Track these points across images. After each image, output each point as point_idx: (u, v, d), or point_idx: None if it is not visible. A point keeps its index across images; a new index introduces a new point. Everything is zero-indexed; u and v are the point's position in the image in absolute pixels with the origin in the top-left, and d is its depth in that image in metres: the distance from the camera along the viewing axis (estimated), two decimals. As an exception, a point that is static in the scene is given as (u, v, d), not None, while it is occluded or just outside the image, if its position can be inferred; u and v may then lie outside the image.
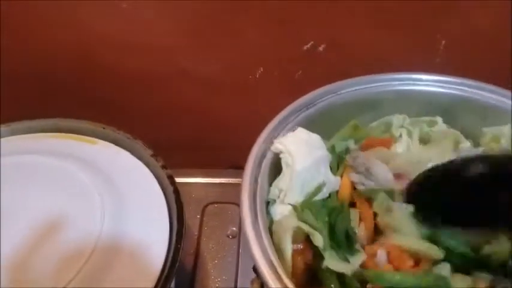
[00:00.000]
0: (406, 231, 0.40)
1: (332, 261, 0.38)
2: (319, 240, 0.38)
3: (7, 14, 0.63)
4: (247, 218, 0.38)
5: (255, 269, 0.56)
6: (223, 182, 0.69)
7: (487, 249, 0.38)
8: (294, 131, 0.45)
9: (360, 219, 0.41)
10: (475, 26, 0.61)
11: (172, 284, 0.57)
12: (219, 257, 0.61)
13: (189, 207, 0.65)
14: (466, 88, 0.49)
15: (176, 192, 0.53)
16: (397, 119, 0.49)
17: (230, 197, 0.67)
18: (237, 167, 0.70)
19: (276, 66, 0.68)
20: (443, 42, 0.63)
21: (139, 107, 0.73)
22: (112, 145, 0.59)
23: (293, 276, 0.39)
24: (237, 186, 0.68)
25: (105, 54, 0.67)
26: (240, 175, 0.69)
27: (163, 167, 0.56)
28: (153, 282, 0.46)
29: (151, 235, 0.50)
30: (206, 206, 0.66)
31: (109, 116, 0.63)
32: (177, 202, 0.52)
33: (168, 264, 0.48)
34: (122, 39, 0.66)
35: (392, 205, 0.41)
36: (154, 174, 0.56)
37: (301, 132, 0.44)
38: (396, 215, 0.40)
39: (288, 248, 0.38)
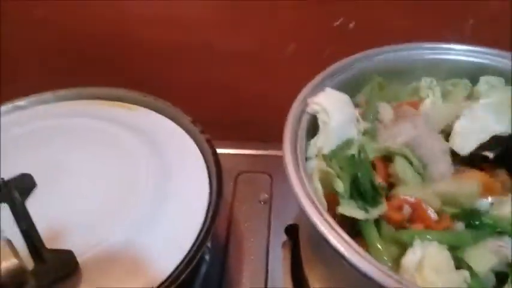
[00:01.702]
0: (408, 181, 0.43)
1: (346, 208, 0.40)
2: (339, 185, 0.41)
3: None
4: (290, 163, 0.41)
5: (287, 231, 0.60)
6: (253, 153, 0.73)
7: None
8: (323, 91, 0.47)
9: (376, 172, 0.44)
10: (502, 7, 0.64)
11: (209, 244, 0.61)
12: (252, 220, 0.64)
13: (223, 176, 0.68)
14: (494, 57, 0.51)
15: (215, 154, 0.56)
16: (425, 81, 0.52)
17: (260, 167, 0.70)
18: (266, 141, 0.73)
19: (306, 43, 0.70)
20: (471, 21, 0.65)
21: (170, 82, 0.75)
22: (152, 112, 0.63)
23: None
24: (267, 158, 0.73)
25: (137, 28, 0.70)
26: (268, 147, 0.73)
27: (202, 132, 0.59)
28: (195, 235, 0.49)
29: (192, 193, 0.53)
30: (238, 175, 0.70)
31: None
32: (215, 163, 0.56)
33: (209, 218, 0.50)
34: (155, 13, 0.69)
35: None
36: (193, 139, 0.59)
37: (333, 92, 0.47)
38: (398, 164, 0.43)
39: (319, 189, 0.41)
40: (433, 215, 0.41)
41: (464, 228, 0.41)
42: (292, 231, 0.57)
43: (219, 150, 0.72)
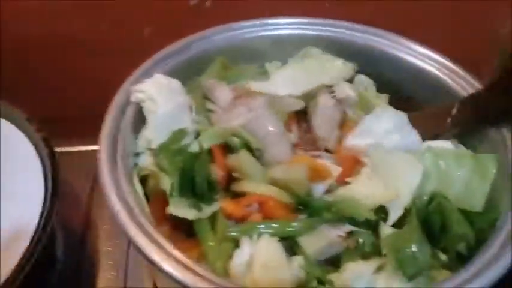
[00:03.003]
0: (253, 176, 0.39)
1: (175, 208, 0.37)
2: (165, 183, 0.37)
3: None
4: (104, 167, 0.37)
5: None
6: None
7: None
8: (150, 78, 0.43)
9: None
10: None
11: (60, 252, 0.55)
12: (111, 222, 0.59)
13: (80, 176, 0.62)
14: (333, 29, 0.49)
15: (51, 154, 0.51)
16: (269, 66, 0.49)
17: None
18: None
19: (164, 24, 0.66)
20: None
21: (22, 76, 0.68)
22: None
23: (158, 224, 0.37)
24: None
25: None
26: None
27: (38, 130, 0.53)
28: (24, 246, 0.44)
29: (26, 199, 0.48)
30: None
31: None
32: (52, 164, 0.50)
33: (41, 225, 0.45)
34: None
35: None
36: (29, 139, 0.53)
37: (161, 78, 0.43)
38: (243, 159, 0.39)
39: (138, 189, 0.38)
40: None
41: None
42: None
43: (76, 148, 0.67)
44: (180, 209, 0.36)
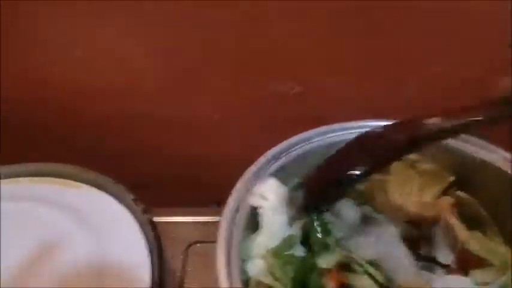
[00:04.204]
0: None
1: None
2: None
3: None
4: (223, 275, 0.39)
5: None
6: (206, 220, 0.70)
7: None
8: (266, 182, 0.46)
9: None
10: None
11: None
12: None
13: (172, 248, 0.66)
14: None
15: (157, 238, 0.54)
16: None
17: (213, 236, 0.68)
18: (220, 204, 0.72)
19: (252, 108, 0.70)
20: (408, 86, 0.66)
21: (120, 149, 0.75)
22: (95, 189, 0.61)
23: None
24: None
25: (79, 100, 0.70)
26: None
27: (144, 211, 0.57)
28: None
29: (132, 282, 0.51)
30: (189, 245, 0.67)
31: (94, 160, 0.64)
32: (158, 248, 0.54)
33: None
34: (99, 84, 0.69)
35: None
36: (135, 218, 0.57)
37: (275, 184, 0.45)
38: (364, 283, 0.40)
39: None
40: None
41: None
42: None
43: (170, 218, 0.71)
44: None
